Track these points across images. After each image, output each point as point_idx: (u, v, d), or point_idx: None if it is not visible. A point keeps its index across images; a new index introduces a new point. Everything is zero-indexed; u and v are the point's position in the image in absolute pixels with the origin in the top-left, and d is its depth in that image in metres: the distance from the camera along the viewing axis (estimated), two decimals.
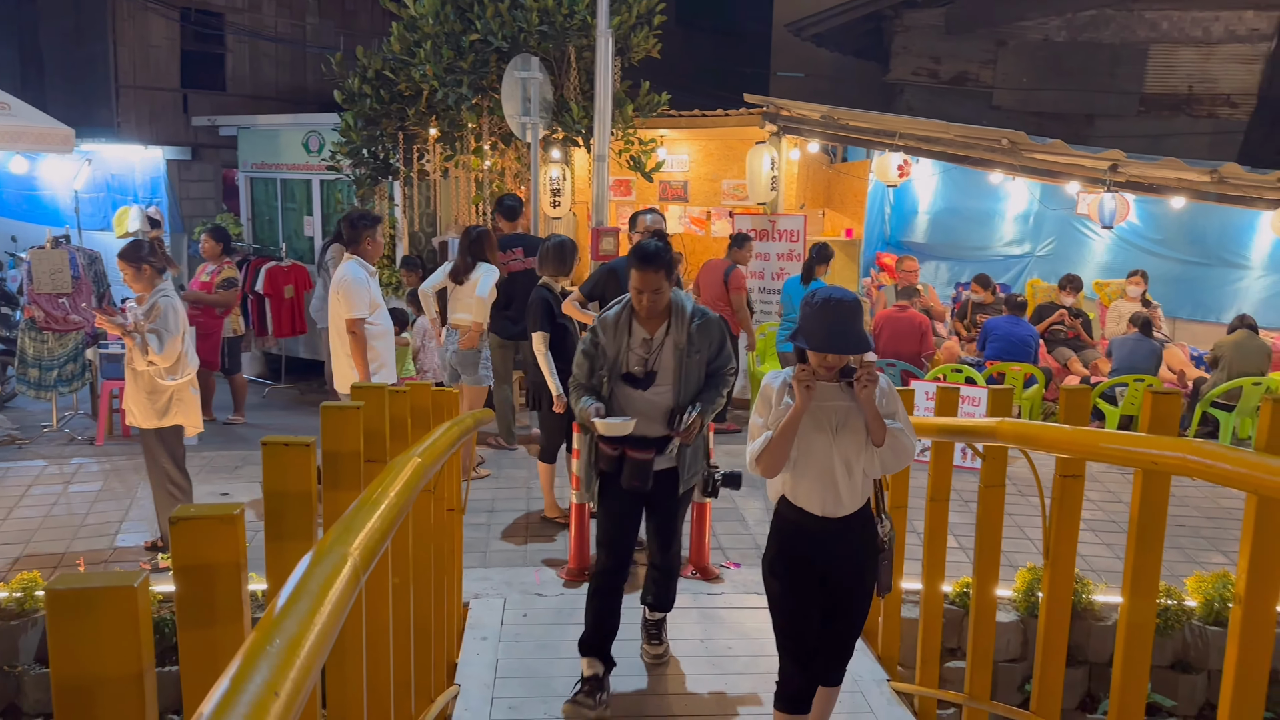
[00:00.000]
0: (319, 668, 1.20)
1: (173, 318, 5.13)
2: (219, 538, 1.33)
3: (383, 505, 1.87)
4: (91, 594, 1.00)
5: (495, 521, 6.18)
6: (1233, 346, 8.46)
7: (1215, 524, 6.29)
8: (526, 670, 4.20)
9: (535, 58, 8.83)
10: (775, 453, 3.05)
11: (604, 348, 3.82)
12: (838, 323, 3.00)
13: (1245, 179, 8.72)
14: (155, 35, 13.90)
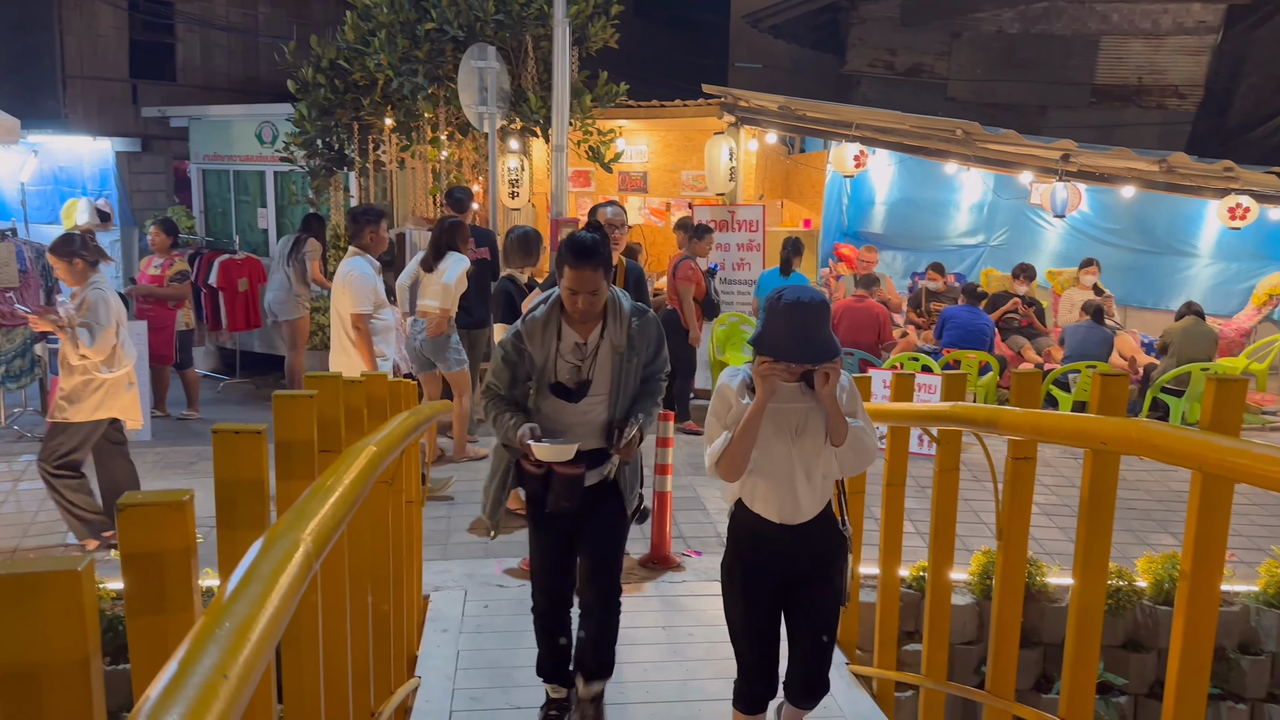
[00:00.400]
0: (270, 651, 1.18)
1: (103, 310, 5.03)
2: (168, 524, 1.30)
3: (336, 492, 1.85)
4: (36, 579, 0.98)
5: (456, 514, 6.14)
6: (1181, 333, 8.62)
7: (1165, 506, 6.41)
8: (488, 661, 4.18)
9: (492, 47, 8.78)
10: (736, 453, 2.84)
11: (529, 355, 3.27)
12: (803, 328, 2.76)
13: (1193, 169, 8.88)
14: (103, 24, 13.63)
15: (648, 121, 11.48)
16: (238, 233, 12.31)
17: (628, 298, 3.43)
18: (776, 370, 2.75)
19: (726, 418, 2.91)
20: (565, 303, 3.26)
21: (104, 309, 5.03)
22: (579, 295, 3.17)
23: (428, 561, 4.97)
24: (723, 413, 2.94)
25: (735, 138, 10.26)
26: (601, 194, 11.97)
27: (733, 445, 2.84)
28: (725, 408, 2.94)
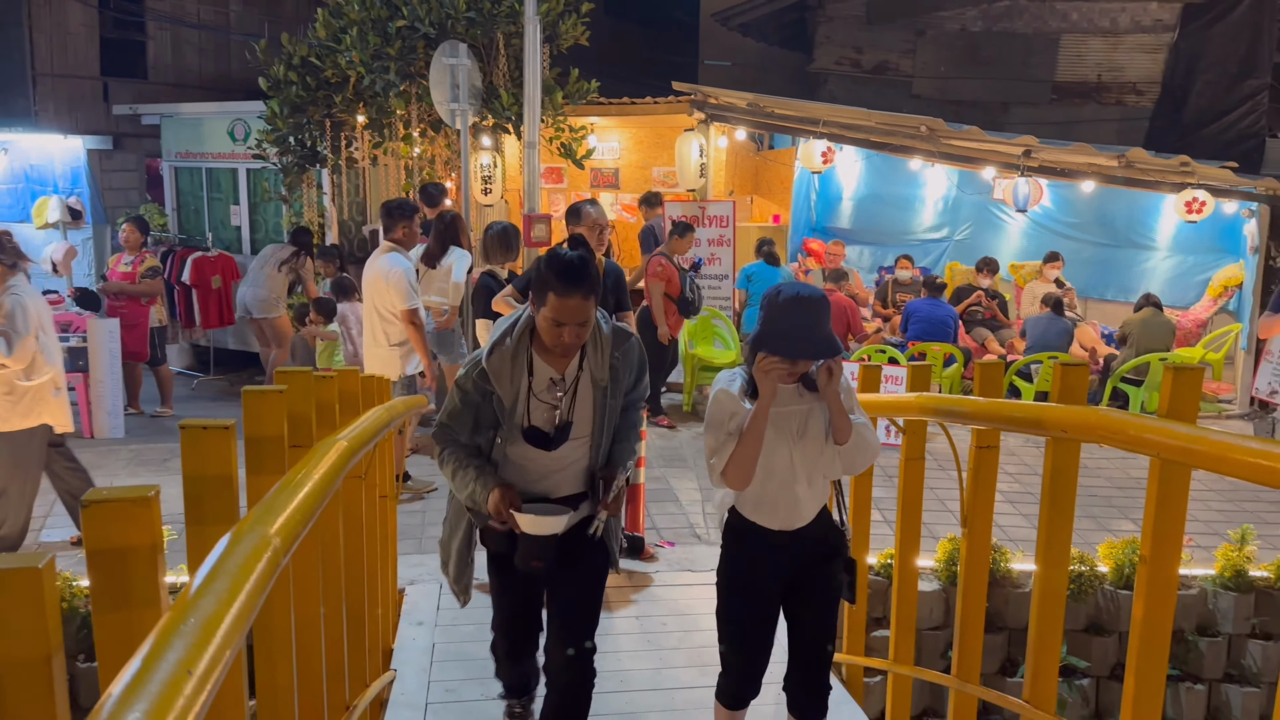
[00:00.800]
0: (236, 647, 1.17)
1: (20, 317, 4.79)
2: (134, 520, 1.29)
3: (305, 487, 1.83)
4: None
5: (431, 508, 6.11)
6: (1140, 324, 8.73)
7: (1125, 493, 6.49)
8: (463, 654, 4.16)
9: (463, 44, 8.74)
10: (744, 458, 2.67)
11: (496, 395, 2.68)
12: (805, 325, 2.61)
13: (1151, 164, 8.98)
14: (73, 21, 13.44)
15: (619, 118, 11.47)
16: (210, 230, 12.25)
17: (607, 320, 2.84)
18: (780, 369, 2.61)
19: (729, 424, 2.73)
20: (545, 335, 2.65)
21: (21, 316, 4.80)
22: (565, 328, 2.58)
23: (403, 555, 4.94)
24: (724, 420, 2.74)
25: (705, 135, 10.28)
26: (574, 190, 11.98)
27: (740, 451, 2.67)
28: (726, 415, 2.74)
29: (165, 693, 0.91)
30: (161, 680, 0.93)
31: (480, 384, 2.70)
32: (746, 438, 2.66)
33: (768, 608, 2.87)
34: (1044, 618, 2.88)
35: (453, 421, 2.75)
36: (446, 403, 2.81)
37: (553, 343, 2.65)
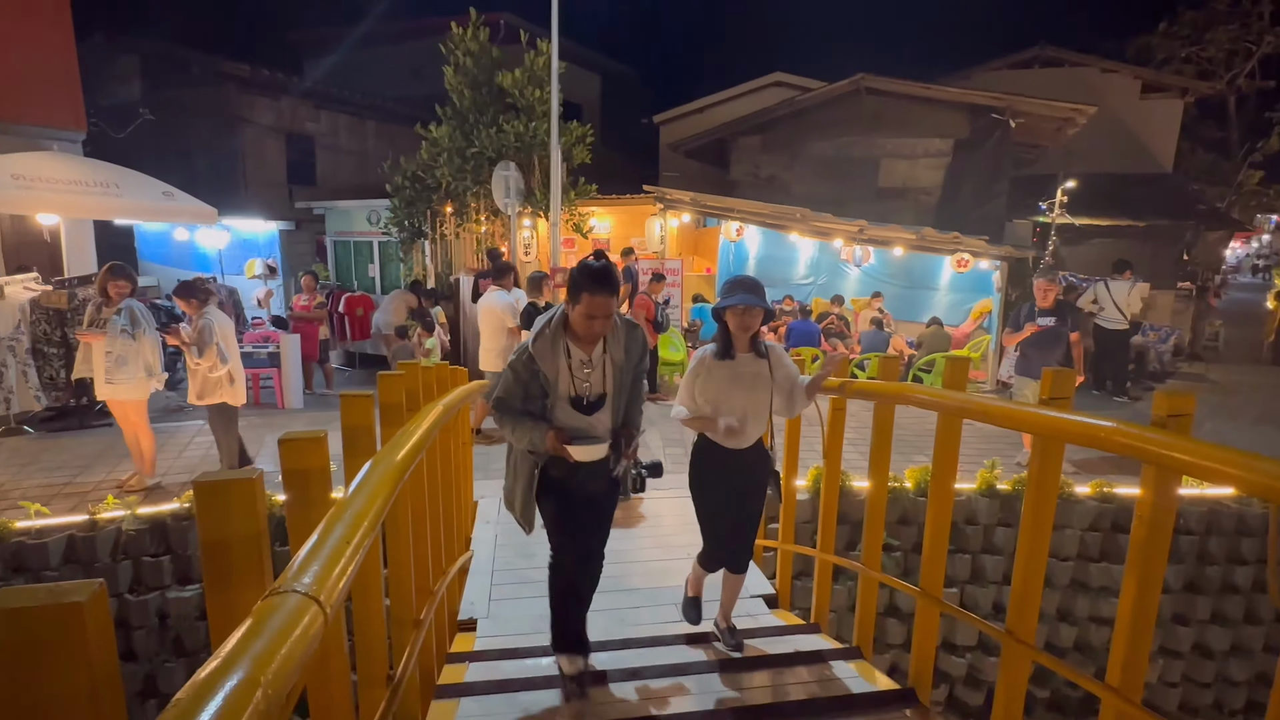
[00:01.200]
0: (378, 529, 1.17)
1: (209, 333, 4.66)
2: (312, 452, 1.29)
3: (416, 434, 1.83)
4: (225, 483, 0.97)
5: (493, 453, 6.10)
6: (930, 335, 8.82)
7: (921, 438, 6.53)
8: (513, 540, 4.15)
9: (513, 163, 8.73)
10: (695, 426, 2.69)
11: (541, 373, 2.39)
12: (748, 290, 2.58)
13: (935, 237, 9.09)
14: (269, 150, 13.30)
15: (609, 207, 11.46)
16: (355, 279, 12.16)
17: (619, 314, 2.56)
18: (736, 336, 2.59)
19: (696, 382, 2.65)
20: (579, 326, 2.36)
21: (209, 332, 4.67)
22: (595, 320, 2.32)
23: (476, 481, 4.92)
24: (693, 378, 2.67)
25: (663, 218, 10.30)
26: (582, 253, 11.94)
27: (694, 423, 2.67)
28: (696, 374, 2.66)
29: (332, 555, 0.92)
30: (330, 548, 0.93)
31: (529, 365, 2.38)
32: (698, 424, 2.65)
33: (724, 495, 2.74)
34: (873, 514, 2.91)
35: (507, 395, 2.43)
36: (501, 382, 2.46)
37: (585, 331, 2.36)
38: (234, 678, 0.61)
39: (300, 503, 1.30)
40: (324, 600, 0.81)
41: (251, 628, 0.71)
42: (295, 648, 0.70)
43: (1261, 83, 18.86)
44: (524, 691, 2.49)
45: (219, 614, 0.96)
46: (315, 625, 0.76)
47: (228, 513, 0.95)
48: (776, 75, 14.36)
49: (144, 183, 7.66)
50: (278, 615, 0.74)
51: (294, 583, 0.81)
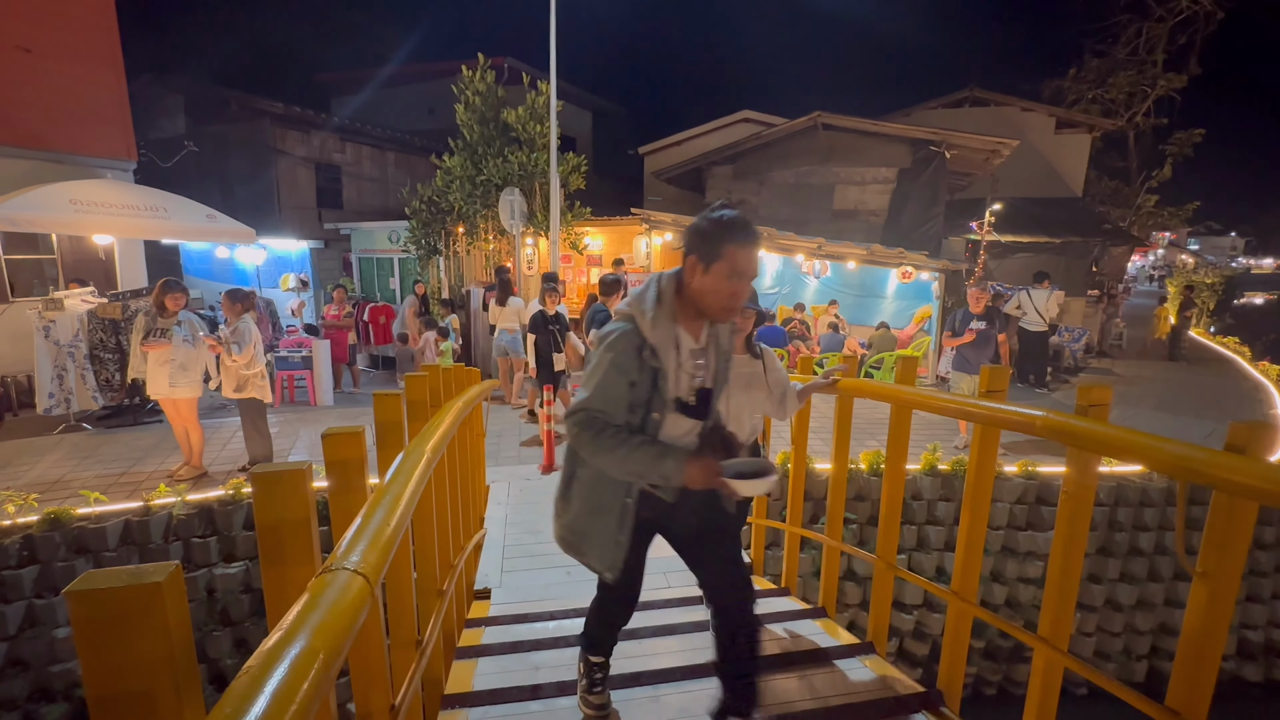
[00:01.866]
0: (411, 512, 1.16)
1: (246, 334, 4.66)
2: (350, 444, 1.27)
3: (440, 428, 1.81)
4: (278, 474, 0.95)
5: (502, 443, 6.06)
6: (879, 337, 8.88)
7: (876, 425, 6.60)
8: (521, 519, 4.14)
9: (517, 189, 8.68)
10: None
11: (661, 370, 1.51)
12: None
13: (883, 253, 9.16)
14: (301, 177, 13.11)
15: (601, 228, 11.44)
16: (379, 291, 12.03)
17: None
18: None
19: None
20: (716, 295, 1.50)
21: (246, 333, 4.67)
22: (743, 282, 1.49)
23: (488, 467, 4.89)
24: None
25: (649, 236, 10.29)
26: (578, 268, 11.91)
27: None
28: None
29: (375, 535, 0.90)
30: (373, 529, 0.92)
31: (647, 360, 1.50)
32: None
33: None
34: (834, 492, 2.91)
35: (607, 405, 1.50)
36: (595, 388, 1.52)
37: (724, 303, 1.51)
38: (296, 646, 0.60)
39: (341, 489, 1.28)
40: (370, 576, 0.80)
41: (309, 602, 0.70)
42: (347, 619, 0.69)
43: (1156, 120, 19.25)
44: (533, 651, 2.48)
45: (274, 589, 0.95)
46: (364, 598, 0.75)
47: (281, 499, 0.93)
48: (745, 112, 14.43)
49: (189, 207, 7.53)
50: (330, 590, 0.73)
51: (344, 561, 0.80)
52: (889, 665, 2.32)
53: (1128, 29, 18.93)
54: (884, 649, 2.43)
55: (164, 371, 4.67)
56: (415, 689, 1.63)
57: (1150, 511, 5.11)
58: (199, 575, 4.15)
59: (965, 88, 15.53)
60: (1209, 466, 1.23)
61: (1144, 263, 34.42)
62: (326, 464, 1.28)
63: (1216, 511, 1.30)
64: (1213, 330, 17.01)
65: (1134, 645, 4.98)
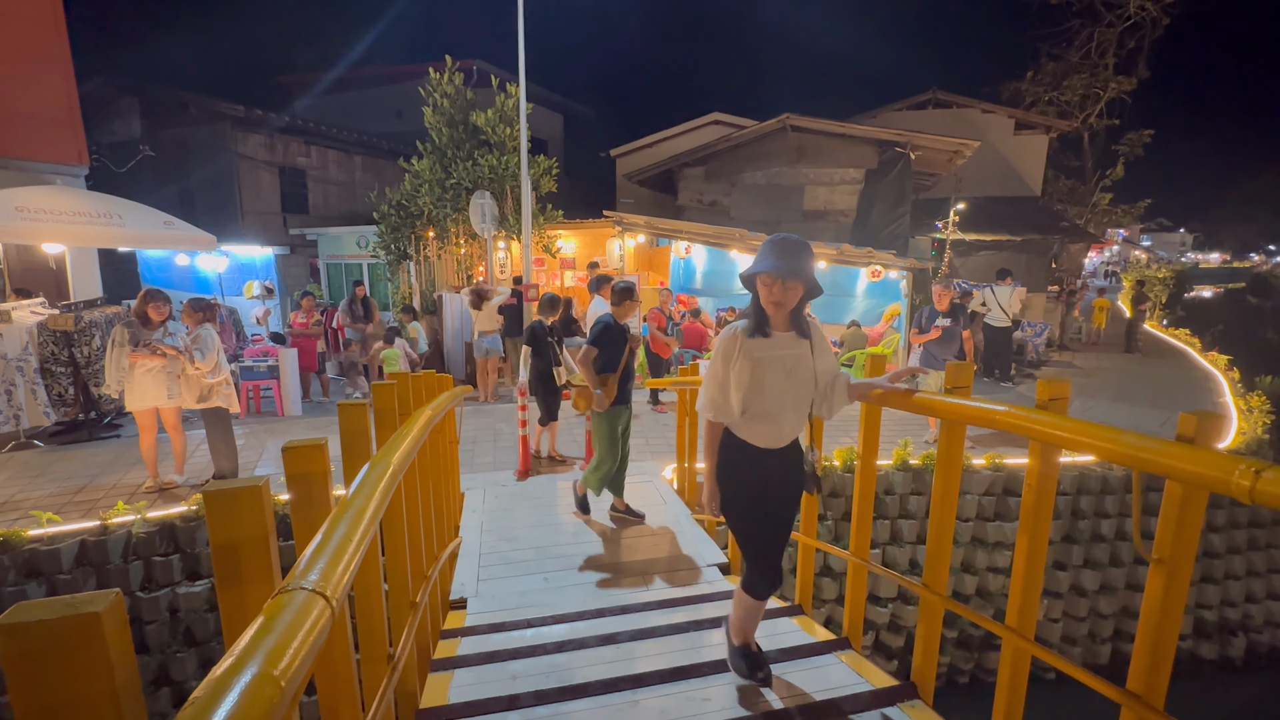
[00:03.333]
0: (376, 525, 1.13)
1: (207, 341, 4.58)
2: (312, 457, 1.23)
3: (408, 437, 1.77)
4: (235, 491, 0.91)
5: (476, 450, 5.98)
6: (850, 335, 9.01)
7: (848, 421, 6.67)
8: (497, 526, 4.08)
9: (488, 192, 8.60)
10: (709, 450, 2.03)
11: None
12: (789, 255, 1.84)
13: (853, 253, 9.31)
14: (264, 182, 12.77)
15: (574, 230, 11.38)
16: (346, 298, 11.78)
17: None
18: (768, 310, 1.88)
19: (728, 366, 1.92)
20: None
21: (208, 340, 4.59)
22: None
23: (462, 474, 4.81)
24: (723, 361, 1.94)
25: (622, 238, 10.27)
26: (551, 271, 11.84)
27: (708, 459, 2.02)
28: (727, 355, 1.94)
29: (336, 552, 0.87)
30: (334, 546, 0.89)
31: None
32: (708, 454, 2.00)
33: (761, 508, 2.03)
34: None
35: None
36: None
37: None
38: (248, 673, 0.57)
39: (303, 504, 1.24)
40: (330, 595, 0.77)
41: (264, 625, 0.67)
42: (305, 641, 0.67)
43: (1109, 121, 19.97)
44: (511, 661, 2.44)
45: (231, 611, 0.91)
46: (323, 619, 0.73)
47: (237, 518, 0.90)
48: (715, 115, 14.54)
49: (145, 213, 7.26)
50: (287, 612, 0.70)
51: (302, 580, 0.77)
52: (865, 660, 2.35)
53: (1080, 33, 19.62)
54: (860, 644, 2.46)
55: (156, 381, 4.52)
56: (388, 705, 1.59)
57: (1111, 499, 5.29)
58: (161, 595, 4.00)
59: (928, 90, 15.90)
60: (1161, 456, 1.27)
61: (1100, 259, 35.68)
62: (288, 478, 1.24)
63: (1170, 500, 1.35)
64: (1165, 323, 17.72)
65: (1098, 629, 5.14)
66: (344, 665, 1.28)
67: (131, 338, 4.55)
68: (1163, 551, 1.35)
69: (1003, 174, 15.47)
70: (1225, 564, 5.40)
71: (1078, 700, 2.53)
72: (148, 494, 4.69)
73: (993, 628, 1.81)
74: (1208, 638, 5.24)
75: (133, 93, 12.61)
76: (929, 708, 2.04)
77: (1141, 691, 1.37)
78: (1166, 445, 1.28)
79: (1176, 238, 57.23)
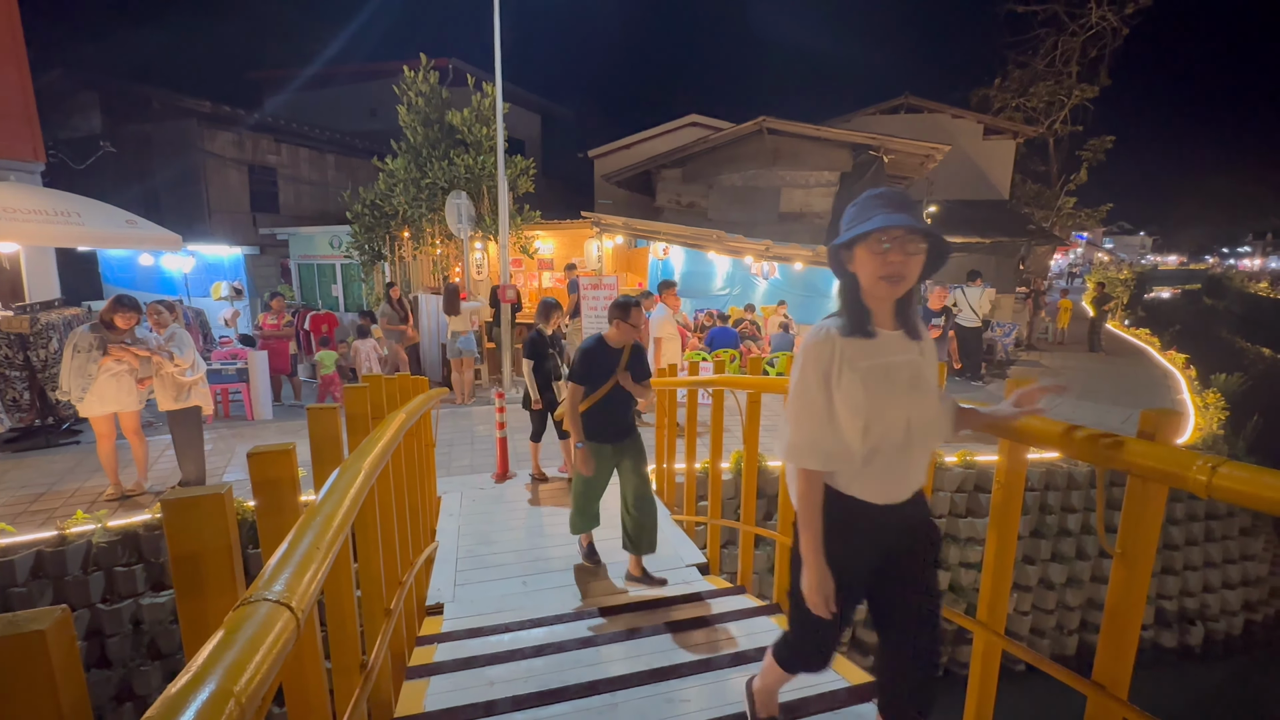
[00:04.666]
0: (346, 532, 1.10)
1: (183, 338, 4.52)
2: (279, 462, 1.19)
3: (381, 441, 1.73)
4: (194, 499, 0.88)
5: (453, 452, 5.90)
6: None
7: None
8: (474, 530, 4.03)
9: (464, 192, 8.50)
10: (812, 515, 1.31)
11: None
12: (898, 204, 1.25)
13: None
14: (233, 181, 12.44)
15: (551, 230, 11.34)
16: (320, 299, 11.54)
17: None
18: (892, 245, 1.22)
19: (833, 382, 1.27)
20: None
21: (184, 337, 4.52)
22: None
23: (439, 478, 4.75)
24: (820, 376, 1.27)
25: (600, 239, 10.27)
26: (529, 271, 11.76)
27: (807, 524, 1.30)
28: (825, 367, 1.28)
29: (303, 561, 0.85)
30: (300, 554, 0.86)
31: None
32: (808, 528, 1.29)
33: (856, 596, 1.40)
34: (786, 489, 2.93)
35: None
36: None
37: None
38: (205, 690, 0.55)
39: (271, 511, 1.20)
40: (295, 606, 0.75)
41: (224, 639, 0.64)
42: (268, 655, 0.64)
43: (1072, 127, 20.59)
44: (488, 666, 2.41)
45: (192, 626, 0.88)
46: (287, 631, 0.70)
47: (197, 527, 0.87)
48: (692, 116, 14.61)
49: (106, 211, 7.02)
50: (249, 624, 0.68)
51: (265, 591, 0.74)
52: (842, 658, 2.37)
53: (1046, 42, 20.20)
54: None
55: (121, 384, 4.35)
56: (361, 715, 1.55)
57: (1077, 493, 5.44)
58: (124, 607, 3.86)
59: (900, 95, 16.20)
60: (1123, 452, 1.31)
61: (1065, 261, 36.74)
62: (254, 484, 1.20)
63: (1131, 495, 1.38)
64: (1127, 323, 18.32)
65: (1065, 621, 5.28)
66: (314, 676, 1.25)
67: (99, 342, 4.39)
68: (1125, 545, 1.39)
69: (972, 178, 15.83)
70: (1184, 555, 5.59)
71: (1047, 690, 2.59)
72: (109, 502, 4.52)
73: (964, 622, 1.85)
74: (1168, 627, 5.42)
75: (93, 87, 12.18)
76: None
77: (1106, 682, 1.41)
78: (1128, 442, 1.32)
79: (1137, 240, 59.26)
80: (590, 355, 3.06)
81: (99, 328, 4.42)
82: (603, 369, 3.07)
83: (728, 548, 4.71)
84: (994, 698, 1.78)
